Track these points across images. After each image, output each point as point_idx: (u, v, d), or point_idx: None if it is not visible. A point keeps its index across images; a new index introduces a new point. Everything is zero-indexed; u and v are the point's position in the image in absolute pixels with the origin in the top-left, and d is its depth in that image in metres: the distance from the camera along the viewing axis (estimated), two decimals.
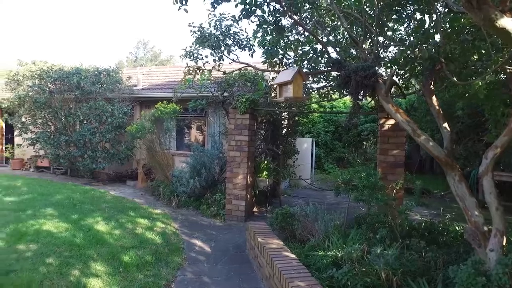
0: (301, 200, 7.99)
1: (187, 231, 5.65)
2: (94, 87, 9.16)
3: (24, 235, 4.92)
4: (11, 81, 10.04)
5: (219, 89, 6.88)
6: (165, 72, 12.22)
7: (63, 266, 3.98)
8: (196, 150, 7.53)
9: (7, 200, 7.06)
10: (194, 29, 5.65)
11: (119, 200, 7.63)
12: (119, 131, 9.32)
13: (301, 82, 3.40)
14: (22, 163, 12.27)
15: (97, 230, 5.33)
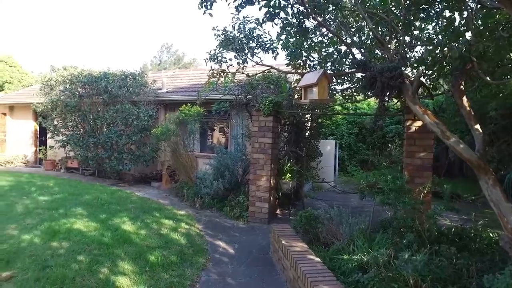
0: (324, 203, 7.90)
1: (210, 232, 5.70)
2: (121, 90, 9.44)
3: (57, 233, 5.13)
4: (45, 86, 10.52)
5: (242, 91, 6.92)
6: (188, 75, 12.42)
7: (93, 263, 4.12)
8: (219, 152, 7.61)
9: (41, 199, 7.38)
10: (218, 33, 5.72)
11: (144, 201, 7.80)
12: (144, 134, 9.55)
13: (326, 84, 3.37)
14: (54, 164, 12.80)
15: (124, 230, 5.47)
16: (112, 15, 61.18)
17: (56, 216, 6.05)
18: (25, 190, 8.30)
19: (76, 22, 59.89)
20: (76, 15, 59.45)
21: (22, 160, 14.19)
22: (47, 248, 4.54)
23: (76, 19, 59.76)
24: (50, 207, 6.64)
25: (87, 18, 60.37)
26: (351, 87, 6.27)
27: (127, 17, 61.65)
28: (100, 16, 60.82)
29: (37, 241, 4.78)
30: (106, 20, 61.18)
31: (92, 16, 60.65)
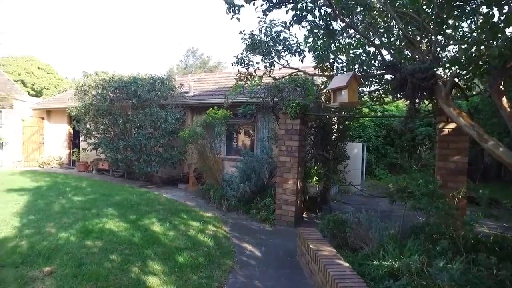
0: (351, 206, 7.75)
1: (237, 234, 5.73)
2: (149, 94, 9.70)
3: (90, 232, 5.33)
4: (78, 91, 11.00)
5: (269, 94, 6.93)
6: (215, 78, 12.58)
7: (124, 263, 4.24)
8: (246, 155, 7.65)
9: (76, 199, 7.71)
10: (245, 37, 5.77)
11: (172, 202, 7.96)
12: (172, 136, 9.76)
13: (356, 87, 3.31)
14: (86, 165, 13.33)
15: (153, 230, 5.61)
16: (140, 21, 63.10)
17: (89, 216, 6.29)
18: (61, 190, 8.69)
19: (106, 28, 62.18)
20: (106, 21, 61.76)
21: (58, 161, 14.87)
22: (82, 246, 4.73)
23: (105, 25, 62.06)
24: (84, 207, 6.91)
25: (116, 24, 62.57)
26: (379, 89, 6.13)
27: (155, 22, 63.38)
28: (128, 22, 62.88)
29: (73, 239, 4.99)
30: (133, 25, 63.15)
31: (121, 22, 62.80)
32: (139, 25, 63.36)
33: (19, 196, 7.77)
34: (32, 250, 4.49)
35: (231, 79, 11.57)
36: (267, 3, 4.65)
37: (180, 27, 63.34)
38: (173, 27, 63.35)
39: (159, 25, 63.30)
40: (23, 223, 5.66)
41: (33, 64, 26.82)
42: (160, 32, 63.06)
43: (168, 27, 63.45)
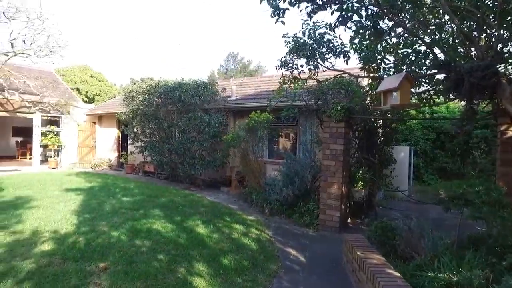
0: (398, 213, 7.40)
1: (280, 239, 5.69)
2: (193, 99, 9.97)
3: (139, 232, 5.56)
4: (127, 97, 11.59)
5: (312, 97, 6.84)
6: (256, 82, 12.68)
7: (171, 263, 4.37)
8: (288, 158, 7.59)
9: (124, 200, 8.09)
10: (288, 40, 5.74)
11: (215, 205, 8.09)
12: (215, 140, 9.94)
13: (409, 88, 3.14)
14: (133, 167, 13.98)
15: (198, 232, 5.72)
16: (182, 27, 65.37)
17: (137, 216, 6.57)
18: (111, 191, 9.18)
19: (150, 35, 65.10)
20: (150, 28, 64.68)
21: (108, 163, 15.75)
22: (132, 245, 4.94)
23: (149, 32, 64.98)
24: (132, 208, 7.23)
25: (159, 31, 65.30)
26: (429, 89, 5.81)
27: (197, 28, 65.36)
28: (170, 28, 65.38)
29: (123, 238, 5.23)
30: (176, 31, 65.54)
31: (164, 29, 65.45)
32: (181, 31, 65.66)
33: (76, 196, 8.31)
34: (89, 246, 4.78)
35: (272, 83, 11.61)
36: (312, 5, 4.60)
37: (222, 32, 64.82)
38: (215, 32, 64.99)
39: (201, 30, 65.24)
40: (80, 221, 6.04)
41: (87, 73, 28.74)
42: (202, 37, 64.96)
43: (210, 32, 65.17)
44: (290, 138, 10.09)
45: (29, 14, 12.25)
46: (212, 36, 65.02)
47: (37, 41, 12.88)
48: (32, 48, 12.81)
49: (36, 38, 12.85)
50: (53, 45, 13.17)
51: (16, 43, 12.51)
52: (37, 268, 3.98)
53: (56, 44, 13.25)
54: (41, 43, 12.94)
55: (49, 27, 12.96)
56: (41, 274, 3.85)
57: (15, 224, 5.68)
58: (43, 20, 12.67)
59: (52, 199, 7.76)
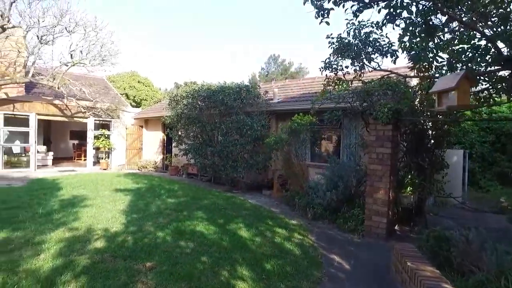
0: (451, 221, 6.92)
1: (324, 244, 5.54)
2: (235, 102, 10.08)
3: (183, 233, 5.69)
4: (171, 101, 12.00)
5: (357, 99, 6.60)
6: (299, 84, 12.55)
7: (214, 265, 4.40)
8: (332, 162, 7.40)
9: (169, 201, 8.35)
10: (332, 40, 5.59)
11: (257, 208, 8.09)
12: (257, 143, 9.96)
13: (468, 88, 2.88)
14: (177, 169, 14.42)
15: (240, 235, 5.73)
16: (222, 29, 66.73)
17: (181, 217, 6.73)
18: (156, 192, 9.52)
19: (192, 39, 67.11)
20: (191, 33, 66.69)
21: (153, 165, 16.40)
22: (176, 246, 5.05)
23: (191, 36, 67.00)
24: (176, 209, 7.43)
25: (200, 34, 67.12)
26: (488, 87, 5.36)
27: (237, 31, 66.41)
28: (210, 31, 66.99)
29: (168, 238, 5.38)
30: (215, 34, 67.04)
31: (204, 31, 67.20)
32: (223, 34, 67.04)
33: (124, 196, 8.72)
34: (136, 245, 4.97)
35: (315, 85, 11.43)
36: (358, 4, 4.43)
37: (263, 35, 65.27)
38: (256, 35, 65.60)
39: (241, 33, 66.18)
40: (128, 220, 6.31)
41: (134, 79, 30.31)
42: (243, 40, 65.86)
43: (251, 35, 65.88)
44: (334, 141, 9.84)
45: (86, 27, 13.16)
46: (253, 39, 65.74)
47: (92, 51, 13.81)
48: (87, 57, 13.73)
49: (91, 49, 13.79)
50: (105, 54, 14.02)
51: (74, 53, 13.50)
52: (91, 264, 4.21)
53: (108, 53, 14.10)
54: (95, 52, 13.85)
55: (102, 38, 13.85)
56: (94, 269, 4.06)
57: (72, 221, 6.07)
58: (97, 32, 13.56)
59: (103, 199, 8.21)
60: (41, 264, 4.14)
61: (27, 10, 12.03)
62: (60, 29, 12.77)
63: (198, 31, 66.41)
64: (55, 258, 4.36)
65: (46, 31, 12.56)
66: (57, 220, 6.15)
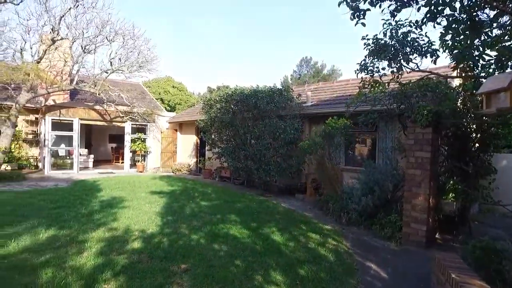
0: (500, 230, 6.46)
1: (359, 251, 5.37)
2: (268, 106, 10.07)
3: (217, 236, 5.74)
4: (205, 105, 12.22)
5: (394, 101, 6.37)
6: (332, 87, 12.36)
7: (248, 269, 4.39)
8: (368, 166, 7.18)
9: (203, 204, 8.48)
10: (368, 42, 5.45)
11: (290, 212, 8.01)
12: (290, 146, 9.89)
13: None
14: (210, 172, 14.64)
15: (274, 240, 5.69)
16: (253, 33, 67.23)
17: (215, 220, 6.80)
18: (190, 195, 9.71)
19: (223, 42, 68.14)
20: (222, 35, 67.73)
21: (187, 168, 16.77)
22: (210, 249, 5.10)
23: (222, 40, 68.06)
24: (210, 212, 7.53)
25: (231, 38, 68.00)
26: None
27: (268, 33, 66.69)
28: (241, 35, 67.69)
29: (202, 241, 5.45)
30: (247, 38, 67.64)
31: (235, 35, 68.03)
32: (254, 37, 67.56)
33: (159, 198, 8.97)
34: (171, 247, 5.07)
35: (349, 87, 11.20)
36: (396, 3, 4.30)
37: (295, 38, 65.11)
38: (288, 38, 65.56)
39: (273, 36, 66.37)
40: (163, 222, 6.47)
41: (169, 84, 31.26)
42: (275, 43, 66.04)
43: (283, 38, 65.92)
44: (368, 145, 9.57)
45: (124, 35, 13.78)
46: (285, 42, 65.74)
47: (129, 58, 14.42)
48: (125, 64, 14.35)
49: (129, 56, 14.41)
50: (141, 60, 14.57)
51: (113, 61, 14.16)
52: (129, 264, 4.34)
53: (144, 59, 14.64)
54: (132, 59, 14.45)
55: (139, 45, 14.43)
56: (132, 269, 4.18)
57: (111, 222, 6.32)
58: (135, 40, 14.14)
59: (140, 201, 8.48)
60: (84, 262, 4.34)
61: (73, 22, 12.84)
62: (101, 39, 13.52)
63: (230, 35, 67.41)
64: (97, 256, 4.55)
65: (89, 41, 13.34)
66: (97, 220, 6.43)
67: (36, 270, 4.03)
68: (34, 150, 15.22)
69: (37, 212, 6.85)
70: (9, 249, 4.73)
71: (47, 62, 12.91)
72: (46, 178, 12.67)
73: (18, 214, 6.60)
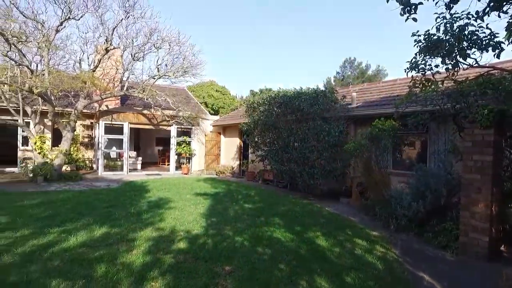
0: None
1: (410, 260, 5.04)
2: (312, 108, 9.89)
3: (260, 239, 5.70)
4: (248, 108, 12.32)
5: (448, 101, 5.94)
6: (378, 87, 11.88)
7: (292, 274, 4.29)
8: (419, 169, 6.77)
9: (246, 206, 8.51)
10: (419, 38, 5.12)
11: (335, 216, 7.79)
12: (334, 149, 9.62)
13: None
14: (253, 175, 14.70)
15: (318, 244, 5.54)
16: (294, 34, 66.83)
17: (258, 223, 6.77)
18: (234, 197, 9.80)
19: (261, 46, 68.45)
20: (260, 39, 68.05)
21: (230, 171, 17.00)
22: (254, 251, 5.07)
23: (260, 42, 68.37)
24: (253, 214, 7.52)
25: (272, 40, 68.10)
26: None
27: (310, 35, 65.99)
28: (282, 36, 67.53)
29: (246, 244, 5.43)
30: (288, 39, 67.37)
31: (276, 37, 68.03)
32: (295, 39, 67.20)
33: (204, 200, 9.14)
34: (216, 248, 5.11)
35: (397, 87, 10.69)
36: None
37: (337, 38, 63.87)
38: (330, 38, 64.46)
39: (315, 37, 65.61)
40: (208, 224, 6.56)
41: (212, 88, 32.04)
42: (317, 44, 65.23)
43: (325, 39, 64.96)
44: (418, 147, 9.04)
45: (170, 42, 14.35)
46: (327, 43, 64.69)
47: (175, 64, 14.98)
48: (171, 70, 14.91)
49: (175, 62, 15.00)
50: (186, 65, 15.06)
51: (160, 67, 14.78)
52: (175, 263, 4.43)
53: (189, 64, 15.12)
54: (178, 65, 14.98)
55: (184, 51, 14.93)
56: (178, 269, 4.26)
57: (158, 222, 6.53)
58: (180, 46, 14.66)
59: (185, 202, 8.70)
60: (134, 259, 4.50)
61: (124, 32, 13.65)
62: (149, 46, 14.19)
63: (270, 38, 67.64)
64: (145, 254, 4.70)
65: (138, 49, 14.05)
66: (145, 220, 6.68)
67: (92, 264, 4.27)
68: (89, 152, 16.32)
69: (92, 211, 7.28)
70: (70, 243, 5.09)
71: (101, 70, 13.88)
72: (99, 178, 13.50)
73: (76, 212, 7.08)
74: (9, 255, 4.52)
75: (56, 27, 11.94)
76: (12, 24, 10.79)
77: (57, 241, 5.14)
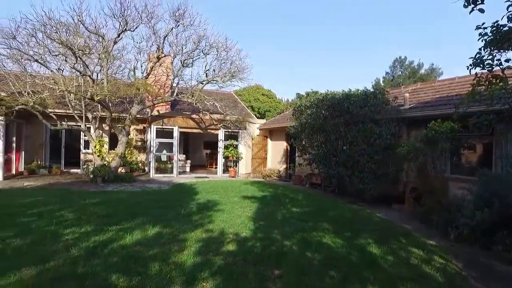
0: None
1: (476, 275, 4.62)
2: (362, 110, 9.54)
3: (309, 244, 5.58)
4: (295, 111, 12.22)
5: None
6: (433, 87, 11.15)
7: (344, 281, 4.15)
8: (483, 175, 6.21)
9: (294, 210, 8.42)
10: (484, 31, 4.70)
11: (387, 223, 7.42)
12: (386, 153, 9.18)
13: None
14: (300, 179, 14.52)
15: (370, 252, 5.31)
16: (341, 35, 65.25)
17: (306, 228, 6.64)
18: (281, 201, 9.74)
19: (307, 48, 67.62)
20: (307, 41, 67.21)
21: (277, 174, 16.95)
22: (303, 256, 4.98)
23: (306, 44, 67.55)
24: (301, 219, 7.40)
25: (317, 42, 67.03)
26: None
27: (357, 35, 64.08)
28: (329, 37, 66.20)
29: (294, 248, 5.35)
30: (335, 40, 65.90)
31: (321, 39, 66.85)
32: (342, 40, 65.62)
33: (251, 203, 9.18)
34: (264, 252, 5.08)
35: (455, 86, 9.98)
36: None
37: (386, 38, 61.41)
38: (379, 38, 62.15)
39: (363, 38, 63.61)
40: (256, 227, 6.56)
41: (259, 92, 32.29)
42: (364, 45, 63.17)
43: (373, 39, 62.77)
44: (482, 151, 8.31)
45: (218, 48, 14.72)
46: (376, 43, 62.40)
47: (223, 69, 15.31)
48: (219, 75, 15.27)
49: (222, 67, 15.32)
50: (234, 70, 15.32)
51: (208, 72, 15.23)
52: (225, 265, 4.47)
53: (236, 69, 15.36)
54: (225, 70, 15.31)
55: (231, 56, 15.23)
56: (228, 270, 4.29)
57: (207, 224, 6.66)
58: (227, 51, 14.97)
59: (233, 205, 8.80)
60: (185, 259, 4.62)
61: (174, 40, 14.27)
62: (198, 53, 14.73)
63: (316, 40, 66.73)
64: (195, 255, 4.80)
65: (187, 55, 14.60)
66: (195, 221, 6.85)
67: (146, 262, 4.46)
68: (142, 155, 17.20)
69: (145, 211, 7.62)
70: (126, 241, 5.36)
71: (153, 77, 14.66)
72: (151, 180, 14.16)
73: (130, 212, 7.45)
74: (76, 248, 4.88)
75: (114, 38, 12.80)
76: (78, 39, 11.83)
77: (115, 239, 5.45)
